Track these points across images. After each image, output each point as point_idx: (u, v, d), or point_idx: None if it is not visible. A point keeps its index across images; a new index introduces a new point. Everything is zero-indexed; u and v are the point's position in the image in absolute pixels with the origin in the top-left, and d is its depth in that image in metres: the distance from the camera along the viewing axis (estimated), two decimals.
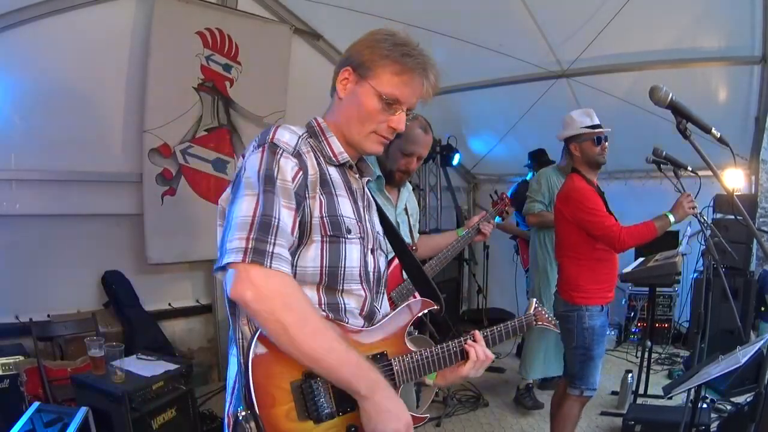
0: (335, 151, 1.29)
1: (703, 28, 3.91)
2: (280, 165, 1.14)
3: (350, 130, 1.29)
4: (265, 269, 1.05)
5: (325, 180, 1.24)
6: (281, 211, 1.11)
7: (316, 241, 1.20)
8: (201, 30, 3.95)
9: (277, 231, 1.08)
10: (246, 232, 1.07)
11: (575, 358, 2.73)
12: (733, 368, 1.99)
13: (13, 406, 2.49)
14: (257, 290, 1.04)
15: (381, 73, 1.25)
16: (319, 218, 1.20)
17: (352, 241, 1.25)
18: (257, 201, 1.10)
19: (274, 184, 1.12)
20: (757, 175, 4.84)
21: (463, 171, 6.71)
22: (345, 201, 1.27)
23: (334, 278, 1.22)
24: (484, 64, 4.69)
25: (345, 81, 1.29)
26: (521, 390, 3.96)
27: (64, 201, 3.61)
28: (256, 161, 1.15)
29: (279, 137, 1.18)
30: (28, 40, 3.32)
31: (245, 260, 1.04)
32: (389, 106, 1.26)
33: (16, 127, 3.40)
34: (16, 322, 3.38)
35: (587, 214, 2.64)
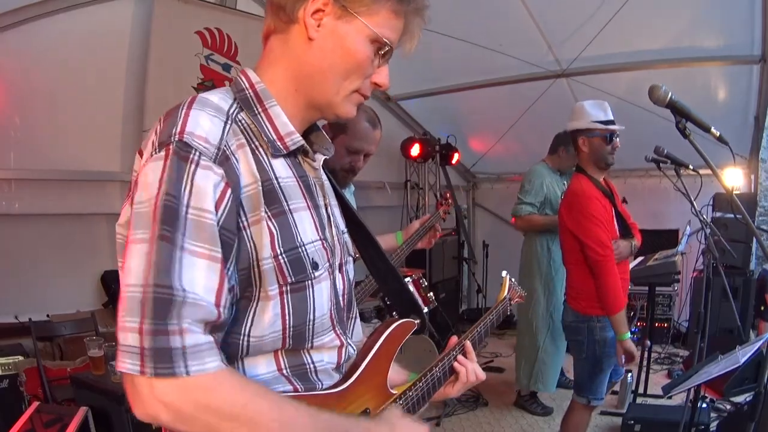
0: (280, 132, 0.88)
1: (703, 28, 3.91)
2: (195, 184, 0.73)
3: (325, 86, 0.89)
4: (177, 380, 0.70)
5: (271, 190, 0.83)
6: (187, 269, 0.71)
7: (272, 296, 0.83)
8: (200, 30, 3.95)
9: (186, 306, 0.70)
10: (137, 319, 0.69)
11: (584, 369, 2.64)
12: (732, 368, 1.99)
13: (12, 406, 2.49)
14: (176, 411, 0.71)
15: (379, 8, 0.87)
16: (272, 259, 0.82)
17: (321, 279, 0.90)
18: (152, 255, 0.70)
19: (176, 222, 0.72)
20: (757, 174, 4.85)
21: (462, 170, 6.71)
22: (304, 216, 0.88)
23: (301, 338, 0.89)
24: (483, 64, 4.69)
25: (319, 13, 0.85)
26: (525, 396, 3.90)
27: (64, 201, 3.61)
28: (155, 176, 0.74)
29: (192, 130, 0.76)
30: (28, 40, 3.32)
31: (144, 372, 0.69)
32: (381, 56, 0.91)
33: (16, 127, 3.39)
34: (15, 322, 3.38)
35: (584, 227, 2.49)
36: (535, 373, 3.83)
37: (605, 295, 2.45)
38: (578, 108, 2.67)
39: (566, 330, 2.76)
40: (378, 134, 2.02)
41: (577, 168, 2.71)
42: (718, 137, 1.54)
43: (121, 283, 0.73)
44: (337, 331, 0.97)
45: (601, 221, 2.50)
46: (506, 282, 1.44)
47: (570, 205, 2.62)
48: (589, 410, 2.73)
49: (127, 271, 0.72)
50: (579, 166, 2.69)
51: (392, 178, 5.92)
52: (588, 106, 2.62)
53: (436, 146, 5.80)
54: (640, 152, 2.83)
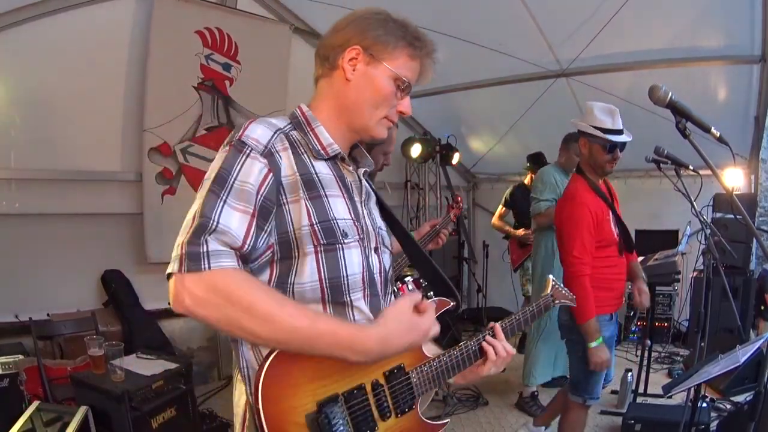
0: (323, 143, 1.17)
1: (703, 28, 3.91)
2: (243, 166, 1.04)
3: (360, 115, 1.18)
4: (200, 273, 0.95)
5: (311, 181, 1.12)
6: (225, 212, 1.00)
7: (309, 253, 1.09)
8: (200, 29, 3.96)
9: (213, 232, 0.97)
10: (182, 237, 0.98)
11: (580, 368, 2.61)
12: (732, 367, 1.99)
13: (13, 405, 2.49)
14: (194, 296, 0.95)
15: (399, 55, 1.16)
16: (309, 227, 1.08)
17: (351, 246, 1.14)
18: (203, 202, 1.01)
19: (224, 185, 1.02)
20: (757, 174, 4.84)
21: (462, 170, 6.71)
22: (338, 201, 1.15)
23: (338, 290, 1.12)
24: (484, 64, 4.69)
25: (353, 61, 1.16)
26: (525, 398, 3.90)
27: (64, 201, 3.61)
28: (218, 161, 1.06)
29: (249, 134, 1.07)
30: (28, 40, 3.32)
31: (181, 270, 0.96)
32: (401, 90, 1.19)
33: (16, 127, 3.40)
34: (15, 321, 3.38)
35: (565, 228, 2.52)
36: (527, 368, 3.87)
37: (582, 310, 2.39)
38: (589, 108, 2.61)
39: (561, 329, 2.75)
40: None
41: (577, 168, 2.70)
42: (718, 137, 1.54)
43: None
44: (367, 291, 1.18)
45: (582, 231, 2.47)
46: (549, 282, 1.56)
47: (561, 206, 2.64)
48: (585, 409, 2.73)
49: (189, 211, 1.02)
50: (579, 167, 2.69)
51: (392, 179, 5.92)
52: (597, 109, 2.56)
53: (437, 146, 5.80)
54: (640, 152, 2.82)
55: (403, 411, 1.16)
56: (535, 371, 3.84)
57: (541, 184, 3.83)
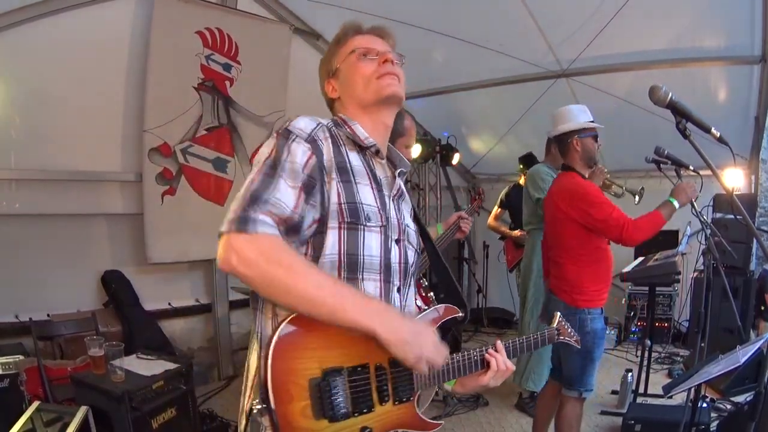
0: (361, 137, 1.30)
1: (703, 28, 3.91)
2: (291, 149, 1.16)
3: (362, 92, 1.31)
4: (247, 234, 1.06)
5: (344, 167, 1.24)
6: (278, 187, 1.12)
7: (333, 228, 1.20)
8: (201, 30, 3.96)
9: (266, 202, 1.10)
10: (236, 205, 1.10)
11: (575, 362, 2.67)
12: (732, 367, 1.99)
13: (13, 406, 2.49)
14: (240, 255, 1.06)
15: (337, 56, 1.36)
16: (337, 205, 1.20)
17: (372, 229, 1.24)
18: (254, 179, 1.13)
19: (277, 166, 1.14)
20: (757, 175, 4.84)
21: (462, 170, 6.71)
22: (366, 189, 1.26)
23: (353, 266, 1.22)
24: (484, 64, 4.69)
25: (332, 87, 1.38)
26: (525, 398, 3.90)
27: (65, 201, 3.61)
28: (268, 147, 1.19)
29: (294, 124, 1.21)
30: (28, 41, 3.32)
31: (231, 230, 1.07)
32: (365, 54, 1.32)
33: (16, 127, 3.40)
34: (15, 321, 3.39)
35: (595, 209, 2.56)
36: (527, 372, 3.85)
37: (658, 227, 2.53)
38: (566, 112, 2.76)
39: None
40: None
41: (565, 167, 2.77)
42: (718, 138, 1.54)
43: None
44: (382, 277, 1.27)
45: (607, 202, 2.60)
46: (556, 318, 1.62)
47: (571, 197, 2.64)
48: (581, 402, 2.76)
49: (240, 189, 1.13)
50: (569, 165, 2.75)
51: None
52: (576, 110, 2.73)
53: (437, 147, 5.80)
54: (641, 153, 2.82)
55: (401, 400, 1.21)
56: (535, 375, 3.81)
57: (542, 181, 3.81)
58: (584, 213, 2.59)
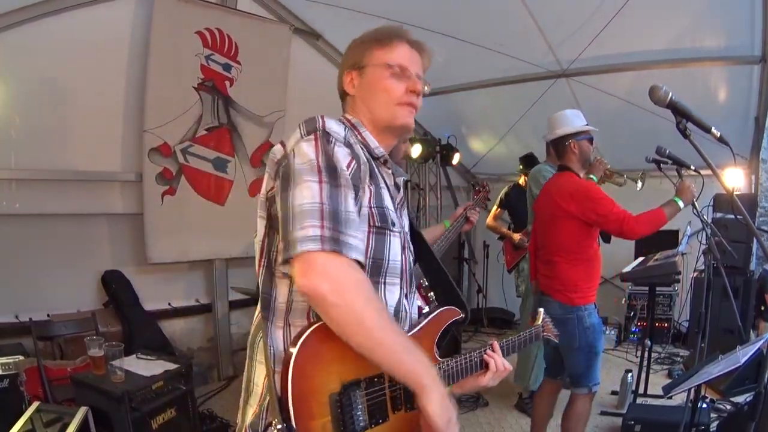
0: (371, 146, 1.28)
1: (703, 28, 3.91)
2: (336, 154, 1.11)
3: (378, 110, 1.29)
4: (341, 258, 1.02)
5: (373, 173, 1.23)
6: (347, 201, 1.08)
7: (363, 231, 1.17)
8: (201, 30, 3.96)
9: (347, 222, 1.06)
10: (318, 220, 1.02)
11: (580, 359, 2.69)
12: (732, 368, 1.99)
13: (13, 406, 2.49)
14: (335, 282, 1.00)
15: (371, 55, 1.29)
16: (368, 208, 1.18)
17: (396, 235, 1.24)
18: (321, 189, 1.06)
19: (337, 174, 1.09)
20: (757, 175, 4.84)
21: (462, 170, 6.71)
22: (386, 194, 1.26)
23: (378, 269, 1.20)
24: (484, 64, 4.69)
25: (351, 80, 1.32)
26: (525, 398, 3.89)
27: (65, 201, 3.61)
28: (310, 149, 1.11)
29: (329, 126, 1.15)
30: (28, 40, 3.32)
31: (323, 248, 1.00)
32: (399, 74, 1.28)
33: (16, 127, 3.40)
34: (15, 321, 3.38)
35: (596, 205, 2.61)
36: (535, 373, 3.83)
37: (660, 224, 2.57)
38: (561, 117, 2.84)
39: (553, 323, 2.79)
40: None
41: (563, 168, 2.83)
42: (718, 138, 1.54)
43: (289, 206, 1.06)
44: (402, 283, 1.26)
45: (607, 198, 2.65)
46: (540, 316, 1.64)
47: (572, 194, 2.68)
48: (590, 398, 2.78)
49: (298, 197, 1.06)
50: (566, 167, 2.81)
51: None
52: (570, 114, 2.81)
53: (437, 146, 5.80)
54: (641, 153, 2.83)
55: (413, 407, 1.19)
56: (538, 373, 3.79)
57: (543, 179, 3.80)
58: (586, 208, 2.63)
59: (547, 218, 2.84)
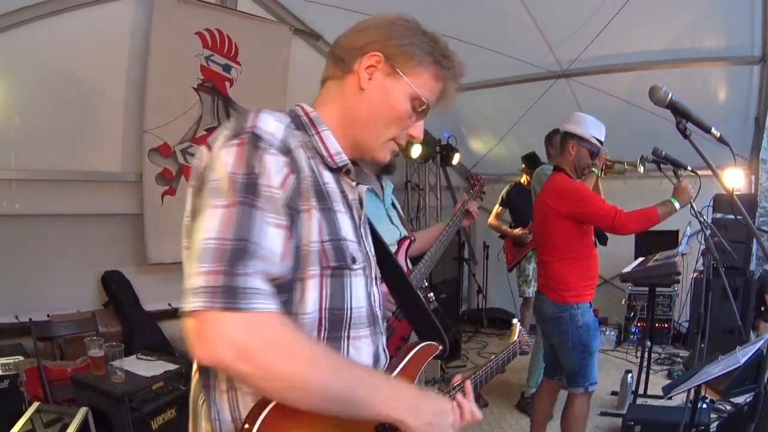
0: (330, 150, 0.99)
1: (703, 28, 3.91)
2: (265, 164, 0.84)
3: (368, 131, 1.02)
4: (242, 314, 0.77)
5: (320, 190, 0.94)
6: (264, 231, 0.82)
7: (313, 276, 0.91)
8: (200, 30, 3.95)
9: (256, 258, 0.80)
10: (212, 264, 0.78)
11: (573, 358, 2.72)
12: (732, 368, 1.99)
13: (13, 406, 2.49)
14: (238, 347, 0.77)
15: (422, 72, 1.02)
16: (318, 243, 0.91)
17: (358, 273, 0.98)
18: (229, 216, 0.81)
19: (255, 193, 0.83)
20: (757, 175, 4.84)
21: (462, 171, 6.71)
22: (345, 219, 0.98)
23: (337, 323, 0.95)
24: (484, 65, 4.69)
25: (371, 69, 1.00)
26: (527, 398, 3.88)
27: (64, 201, 3.61)
28: (230, 158, 0.84)
29: (262, 126, 0.87)
30: (28, 40, 3.32)
31: (214, 306, 0.76)
32: (418, 113, 1.04)
33: (17, 127, 3.40)
34: (15, 322, 3.38)
35: (585, 203, 2.65)
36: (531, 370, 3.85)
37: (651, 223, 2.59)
38: (580, 117, 2.84)
39: (548, 322, 2.85)
40: None
41: (557, 167, 2.86)
42: (718, 138, 1.54)
43: (193, 242, 0.82)
44: (372, 330, 1.03)
45: (595, 197, 2.71)
46: (516, 329, 1.50)
47: (563, 193, 2.72)
48: (587, 398, 2.78)
49: (204, 230, 0.81)
50: (559, 167, 2.84)
51: (392, 179, 5.90)
52: (590, 120, 2.80)
53: (437, 147, 5.80)
54: (641, 153, 2.83)
55: None
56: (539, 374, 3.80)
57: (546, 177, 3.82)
58: (576, 207, 2.67)
59: (541, 218, 2.89)
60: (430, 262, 2.37)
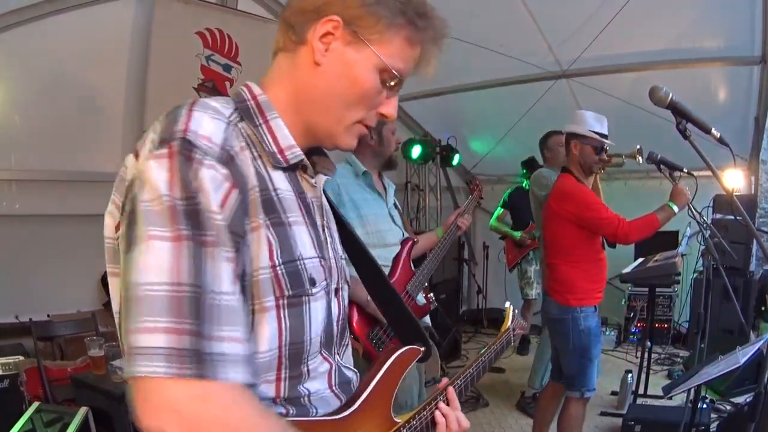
0: (281, 146, 0.82)
1: (703, 28, 3.92)
2: (202, 182, 0.68)
3: (327, 114, 0.85)
4: (201, 384, 0.64)
5: (270, 200, 0.78)
6: (221, 273, 0.68)
7: (269, 308, 0.77)
8: (201, 30, 3.95)
9: (221, 312, 0.66)
10: (167, 317, 0.64)
11: (573, 361, 2.71)
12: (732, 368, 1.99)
13: (13, 406, 2.48)
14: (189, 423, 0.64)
15: (392, 37, 0.82)
16: (270, 269, 0.76)
17: (317, 297, 0.83)
18: (176, 253, 0.65)
19: (202, 224, 0.67)
20: (757, 176, 4.84)
21: (462, 171, 6.71)
22: (301, 231, 0.83)
23: (298, 358, 0.82)
24: (484, 65, 4.69)
25: (328, 37, 0.81)
26: (527, 398, 3.89)
27: (64, 201, 3.61)
28: (161, 174, 0.68)
29: (194, 129, 0.71)
30: (28, 40, 3.32)
31: (172, 374, 0.63)
32: (389, 87, 0.86)
33: (17, 127, 3.40)
34: (16, 322, 3.38)
35: (587, 209, 2.63)
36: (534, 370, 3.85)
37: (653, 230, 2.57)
38: (578, 115, 2.81)
39: (551, 325, 2.86)
40: None
41: (564, 168, 2.83)
42: (718, 138, 1.54)
43: (129, 282, 0.66)
44: (324, 354, 0.89)
45: (598, 203, 2.69)
46: (509, 313, 1.39)
47: (565, 197, 2.70)
48: (583, 403, 2.77)
49: (142, 268, 0.66)
50: (566, 167, 2.81)
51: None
52: (588, 116, 2.76)
53: (437, 147, 5.80)
54: None
55: None
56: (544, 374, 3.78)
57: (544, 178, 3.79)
58: (580, 212, 2.65)
59: (547, 221, 2.87)
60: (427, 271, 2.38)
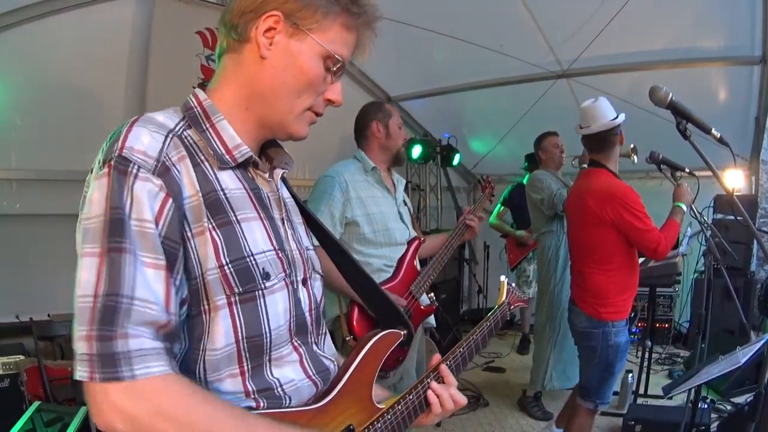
0: (228, 145, 0.88)
1: (703, 28, 3.91)
2: (134, 195, 0.75)
3: (277, 105, 0.90)
4: (126, 384, 0.70)
5: (216, 201, 0.83)
6: (139, 279, 0.73)
7: (221, 306, 0.82)
8: (201, 30, 3.96)
9: (131, 316, 0.71)
10: (85, 327, 0.71)
11: (594, 374, 2.59)
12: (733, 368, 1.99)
13: (13, 406, 2.49)
14: (131, 419, 0.71)
15: (330, 24, 0.89)
16: (217, 269, 0.81)
17: (275, 289, 0.88)
18: (100, 267, 0.72)
19: (123, 233, 0.73)
20: (757, 176, 4.84)
21: (463, 171, 6.71)
22: (254, 227, 0.87)
23: (258, 350, 0.86)
24: (484, 64, 4.69)
25: (271, 32, 0.87)
26: (529, 398, 3.88)
27: (65, 201, 3.59)
28: (101, 192, 0.75)
29: (131, 144, 0.79)
30: (28, 40, 3.32)
31: (93, 378, 0.70)
32: (333, 72, 0.92)
33: (16, 127, 3.40)
34: (16, 321, 3.38)
35: (636, 218, 2.38)
36: (549, 374, 3.81)
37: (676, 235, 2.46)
38: (591, 109, 2.59)
39: (578, 335, 2.69)
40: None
41: (596, 164, 2.60)
42: (718, 139, 1.54)
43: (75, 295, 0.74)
44: (295, 343, 0.94)
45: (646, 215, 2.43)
46: (504, 287, 1.35)
47: (613, 198, 2.42)
48: (593, 414, 2.73)
49: (78, 283, 0.73)
50: (599, 162, 2.58)
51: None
52: (604, 105, 2.57)
53: (437, 147, 5.80)
54: (641, 154, 2.83)
55: None
56: (556, 373, 3.75)
57: (539, 181, 3.79)
58: (623, 219, 2.40)
59: (578, 222, 2.62)
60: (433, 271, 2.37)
